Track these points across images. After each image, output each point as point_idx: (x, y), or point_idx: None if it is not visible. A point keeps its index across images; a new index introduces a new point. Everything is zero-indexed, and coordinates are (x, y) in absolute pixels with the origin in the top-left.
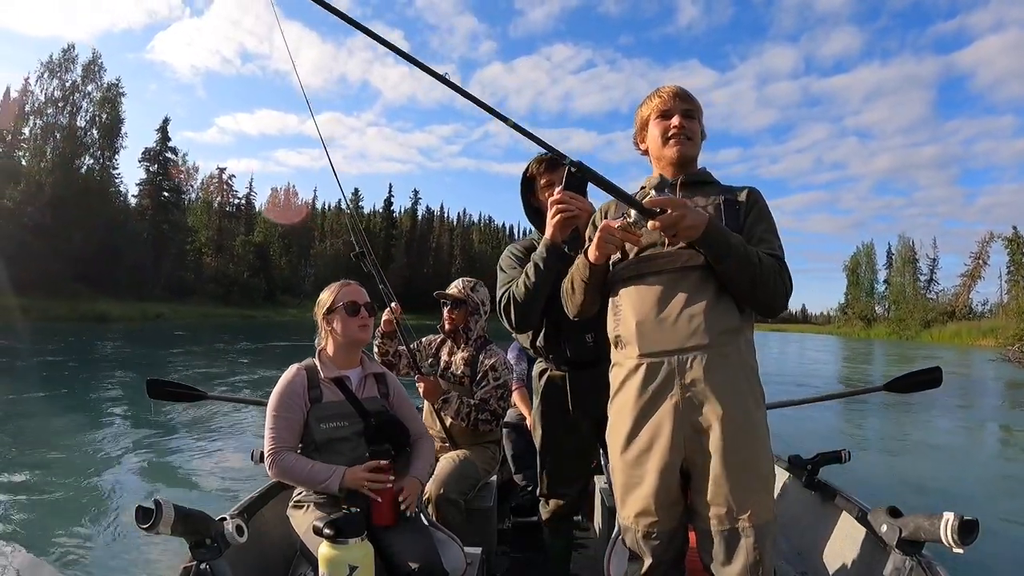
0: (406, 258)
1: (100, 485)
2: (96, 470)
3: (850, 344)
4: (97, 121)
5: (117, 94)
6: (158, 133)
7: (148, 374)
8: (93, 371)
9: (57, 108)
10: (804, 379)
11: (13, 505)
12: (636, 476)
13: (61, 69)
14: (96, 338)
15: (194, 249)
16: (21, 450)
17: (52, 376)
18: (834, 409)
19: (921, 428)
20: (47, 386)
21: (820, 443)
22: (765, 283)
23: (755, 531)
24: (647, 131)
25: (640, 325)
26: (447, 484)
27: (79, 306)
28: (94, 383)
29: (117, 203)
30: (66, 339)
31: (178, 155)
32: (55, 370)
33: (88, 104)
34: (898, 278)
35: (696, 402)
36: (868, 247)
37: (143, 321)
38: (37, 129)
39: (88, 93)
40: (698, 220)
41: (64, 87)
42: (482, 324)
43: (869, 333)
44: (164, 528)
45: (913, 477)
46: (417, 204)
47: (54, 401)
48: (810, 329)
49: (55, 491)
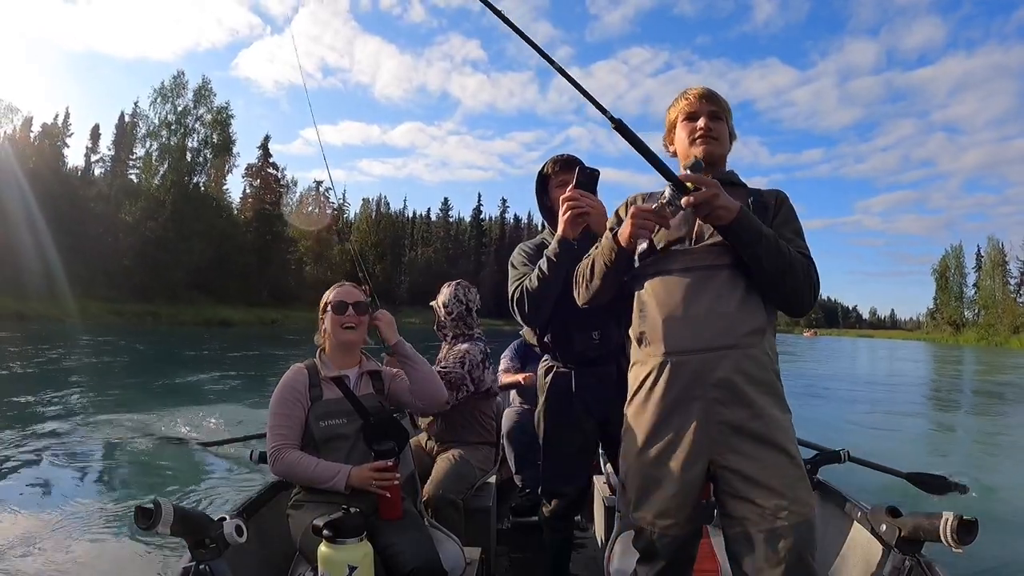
0: (496, 265)
1: (100, 485)
2: (96, 470)
3: (938, 351)
4: (208, 141)
5: (227, 116)
6: (259, 150)
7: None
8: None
9: (170, 130)
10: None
11: (13, 505)
12: (656, 477)
13: (173, 94)
14: (223, 340)
15: (295, 259)
16: (21, 450)
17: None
18: (834, 407)
19: (925, 426)
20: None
21: (819, 443)
22: (795, 277)
23: (794, 530)
24: (675, 133)
25: (667, 322)
26: (444, 485)
27: (203, 312)
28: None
29: (229, 216)
30: (203, 341)
31: (278, 170)
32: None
33: (200, 126)
34: (987, 281)
35: (724, 402)
36: (957, 249)
37: (260, 326)
38: (153, 150)
39: (200, 116)
40: (731, 202)
41: (176, 110)
42: (461, 323)
43: (958, 339)
44: (163, 528)
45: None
46: (505, 212)
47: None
48: (898, 335)
49: (55, 491)
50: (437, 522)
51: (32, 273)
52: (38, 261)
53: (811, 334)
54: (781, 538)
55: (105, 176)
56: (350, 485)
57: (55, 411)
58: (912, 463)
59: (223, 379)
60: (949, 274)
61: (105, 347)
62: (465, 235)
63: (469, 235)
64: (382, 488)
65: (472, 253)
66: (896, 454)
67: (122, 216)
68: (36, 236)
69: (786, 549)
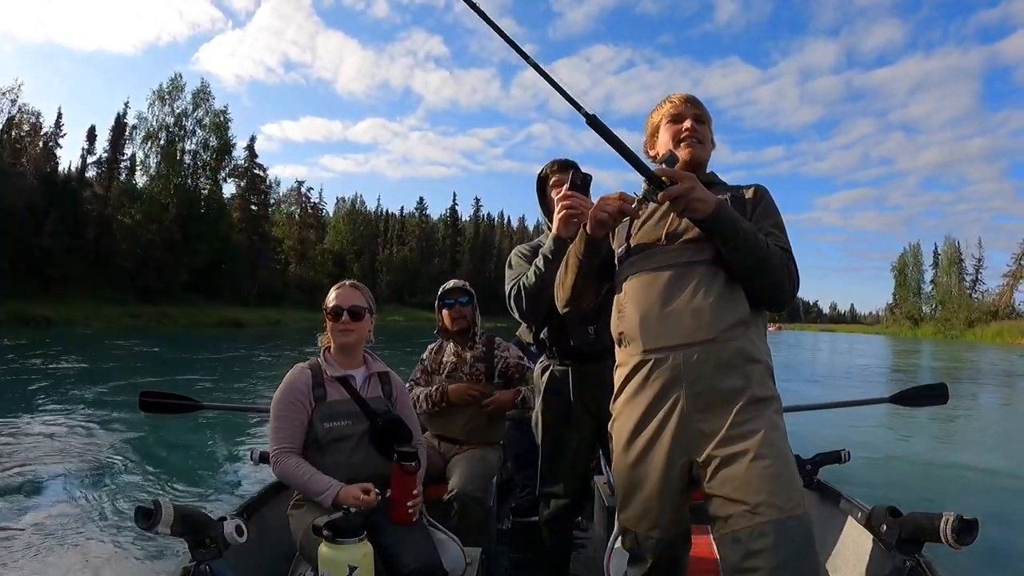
0: (472, 264)
1: (100, 485)
2: (96, 469)
3: (896, 344)
4: (208, 144)
5: (225, 119)
6: (246, 151)
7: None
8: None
9: (169, 133)
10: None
11: (13, 504)
12: (637, 477)
13: (171, 97)
14: (242, 340)
15: (279, 259)
16: (23, 449)
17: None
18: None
19: (925, 425)
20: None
21: (820, 444)
22: (774, 271)
23: (782, 526)
24: (657, 138)
25: (644, 320)
26: (473, 482)
27: (216, 313)
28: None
29: (228, 219)
30: (228, 341)
31: (264, 171)
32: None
33: (199, 129)
34: (944, 278)
35: (704, 399)
36: (915, 247)
37: (267, 326)
38: (152, 152)
39: (199, 119)
40: (708, 195)
41: (174, 113)
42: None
43: (916, 333)
44: (164, 528)
45: (914, 476)
46: (479, 211)
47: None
48: (859, 329)
49: (54, 490)
50: (462, 520)
51: (43, 277)
52: (46, 264)
53: (775, 328)
54: (768, 536)
55: (101, 178)
56: (337, 503)
57: (75, 410)
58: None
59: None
60: (908, 271)
61: (138, 350)
62: (438, 233)
63: (444, 234)
64: (402, 493)
65: (448, 251)
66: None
67: (120, 218)
68: (41, 239)
69: (776, 548)
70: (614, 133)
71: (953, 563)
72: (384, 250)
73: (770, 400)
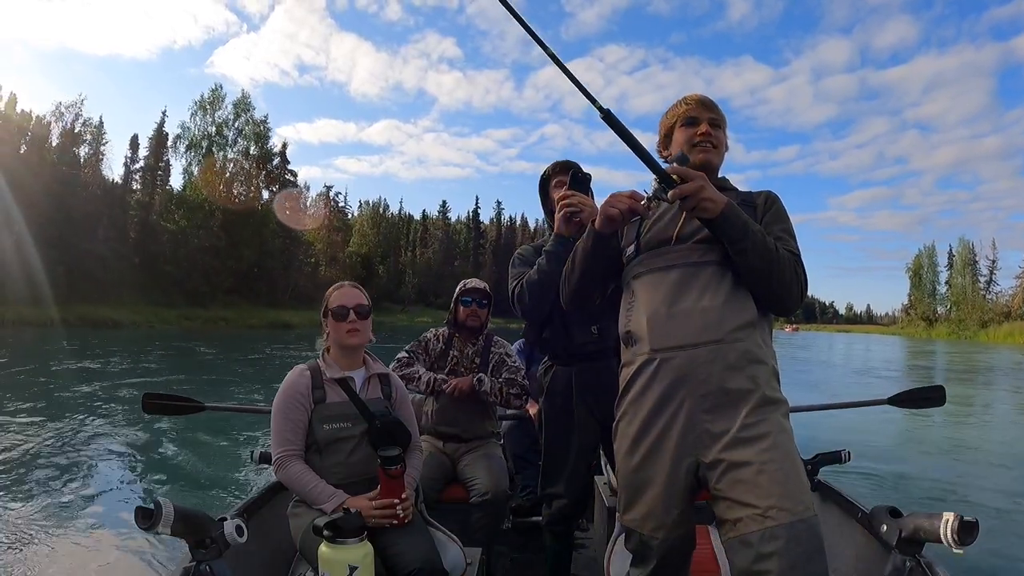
0: (495, 266)
1: (100, 485)
2: (96, 469)
3: (911, 344)
4: (248, 153)
5: (266, 129)
6: (278, 157)
7: None
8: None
9: (211, 141)
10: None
11: (12, 505)
12: (643, 477)
13: (212, 108)
14: (289, 341)
15: (311, 262)
16: (20, 450)
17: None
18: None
19: (925, 426)
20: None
21: (820, 444)
22: (782, 273)
23: (792, 529)
24: (671, 139)
25: (652, 319)
26: (501, 483)
27: (265, 315)
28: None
29: (269, 224)
30: (284, 342)
31: (296, 177)
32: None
33: (240, 138)
34: (959, 279)
35: (711, 399)
36: (930, 249)
37: (312, 327)
38: (195, 160)
39: (240, 128)
40: (718, 196)
41: (216, 122)
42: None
43: (930, 333)
44: (164, 528)
45: (914, 477)
46: (501, 214)
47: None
48: (875, 330)
49: (54, 490)
50: (491, 520)
51: (97, 281)
52: (101, 269)
53: (792, 329)
54: (779, 539)
55: (145, 185)
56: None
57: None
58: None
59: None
60: (923, 272)
61: (209, 352)
62: (460, 236)
63: (466, 236)
64: (392, 495)
65: (470, 254)
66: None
67: (165, 224)
68: (95, 245)
69: (787, 551)
70: (627, 128)
71: (953, 564)
72: (407, 252)
73: (779, 403)
